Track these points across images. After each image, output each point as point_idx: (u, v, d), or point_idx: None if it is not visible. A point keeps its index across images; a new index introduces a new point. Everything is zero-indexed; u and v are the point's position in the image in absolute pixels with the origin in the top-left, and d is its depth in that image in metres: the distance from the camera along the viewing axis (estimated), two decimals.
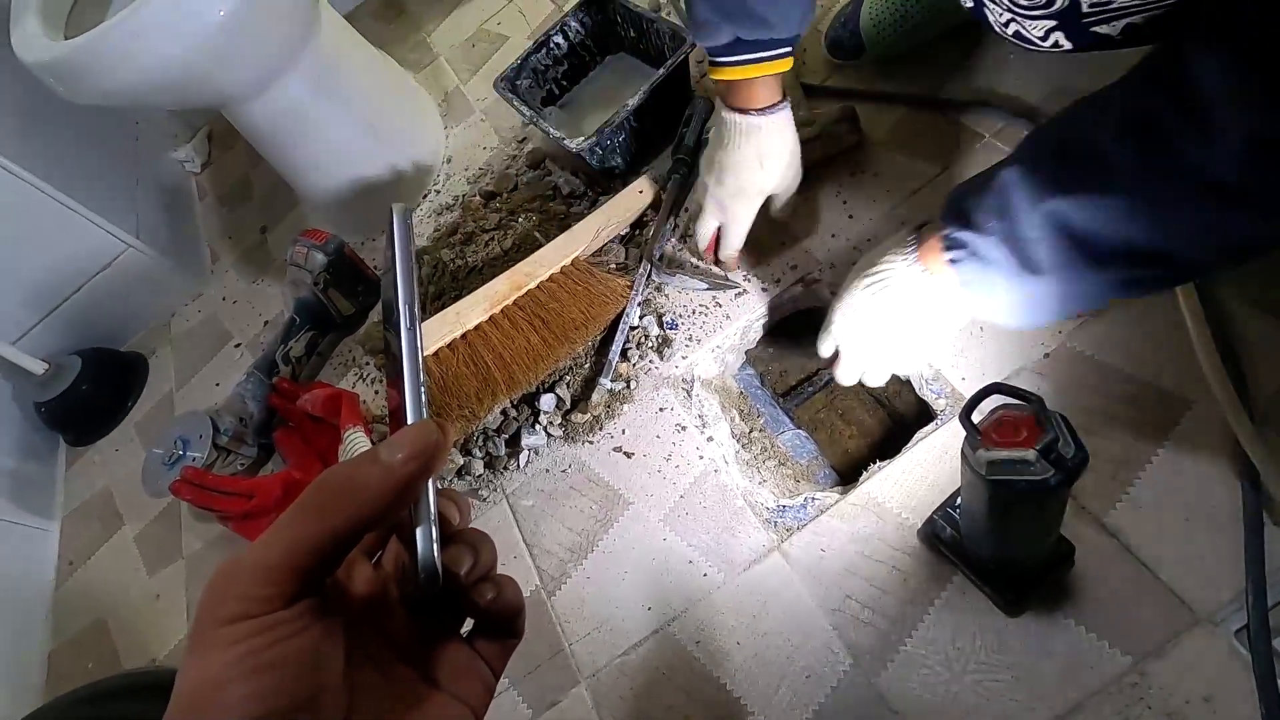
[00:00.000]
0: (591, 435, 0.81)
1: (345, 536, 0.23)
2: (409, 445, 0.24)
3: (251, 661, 0.21)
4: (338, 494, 0.23)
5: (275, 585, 0.22)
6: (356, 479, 0.23)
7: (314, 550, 0.22)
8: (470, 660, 0.28)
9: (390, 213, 0.27)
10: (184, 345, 1.24)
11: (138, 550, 1.04)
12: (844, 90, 0.87)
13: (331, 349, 1.08)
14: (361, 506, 0.23)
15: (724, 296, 0.82)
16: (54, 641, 1.03)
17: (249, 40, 0.87)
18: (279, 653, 0.21)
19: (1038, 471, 0.38)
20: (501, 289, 0.83)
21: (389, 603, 0.28)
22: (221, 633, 0.21)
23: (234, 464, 0.99)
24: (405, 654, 0.27)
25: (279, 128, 1.02)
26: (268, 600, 0.21)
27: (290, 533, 0.22)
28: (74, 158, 1.19)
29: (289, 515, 0.23)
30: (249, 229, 1.32)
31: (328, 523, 0.22)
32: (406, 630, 0.28)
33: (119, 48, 0.80)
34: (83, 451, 1.21)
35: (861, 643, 0.61)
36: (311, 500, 0.23)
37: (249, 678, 0.20)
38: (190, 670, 0.21)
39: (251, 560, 0.22)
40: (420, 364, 0.26)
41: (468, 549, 0.27)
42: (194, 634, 0.21)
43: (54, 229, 1.13)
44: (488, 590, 0.28)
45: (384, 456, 0.23)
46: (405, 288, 0.26)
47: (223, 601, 0.21)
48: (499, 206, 1.01)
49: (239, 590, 0.21)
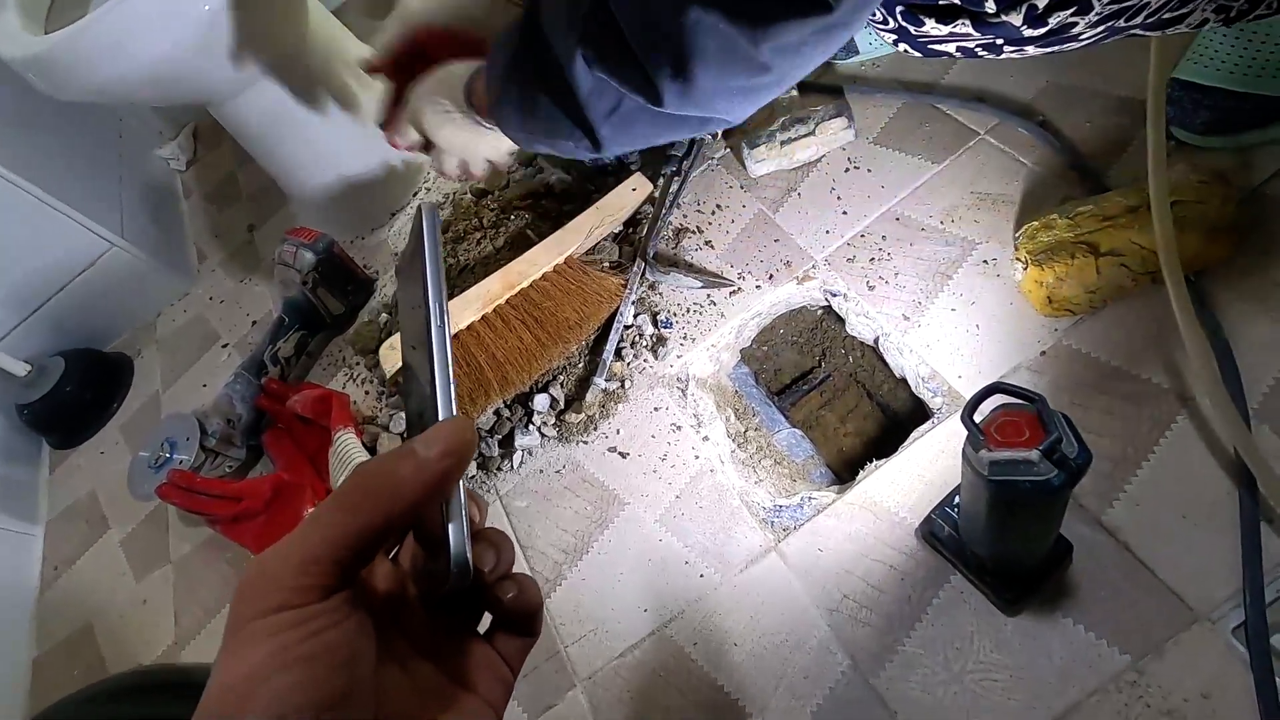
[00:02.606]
0: (586, 435, 0.80)
1: (381, 530, 0.23)
2: (444, 441, 0.24)
3: (292, 653, 0.21)
4: (375, 488, 0.23)
5: (313, 577, 0.22)
6: (394, 474, 0.23)
7: (351, 543, 0.22)
8: (490, 658, 0.28)
9: (419, 211, 0.27)
10: (170, 346, 1.22)
11: (124, 554, 1.02)
12: (837, 87, 0.87)
13: (321, 349, 1.06)
14: (398, 501, 0.23)
15: (718, 294, 0.82)
16: (38, 648, 1.01)
17: (236, 34, 0.85)
18: (318, 644, 0.21)
19: (1041, 472, 0.38)
20: (494, 288, 0.82)
21: (408, 600, 0.28)
22: (260, 624, 0.21)
23: (222, 466, 0.98)
24: (426, 651, 0.27)
25: (267, 125, 1.01)
26: (306, 592, 0.21)
27: (328, 525, 0.22)
28: (56, 155, 1.17)
29: (326, 508, 0.23)
30: (236, 228, 1.31)
31: (365, 516, 0.22)
32: (426, 628, 0.28)
33: (102, 42, 0.79)
34: (67, 454, 1.19)
35: (859, 643, 0.61)
36: (349, 494, 0.23)
37: (288, 669, 0.20)
38: (227, 662, 0.21)
39: (290, 552, 0.22)
40: (450, 362, 0.26)
41: (491, 547, 0.27)
42: (232, 626, 0.21)
43: (36, 227, 1.11)
44: (509, 588, 0.28)
45: (420, 452, 0.23)
46: (435, 285, 0.26)
47: (261, 594, 0.21)
48: (490, 204, 1.00)
49: (277, 582, 0.21)
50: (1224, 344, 0.58)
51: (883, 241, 0.76)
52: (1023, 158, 0.74)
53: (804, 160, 0.84)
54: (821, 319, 0.86)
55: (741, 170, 0.87)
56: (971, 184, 0.75)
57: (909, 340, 0.71)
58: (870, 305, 0.74)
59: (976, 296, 0.69)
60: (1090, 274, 0.62)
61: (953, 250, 0.73)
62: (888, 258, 0.75)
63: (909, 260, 0.74)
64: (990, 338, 0.67)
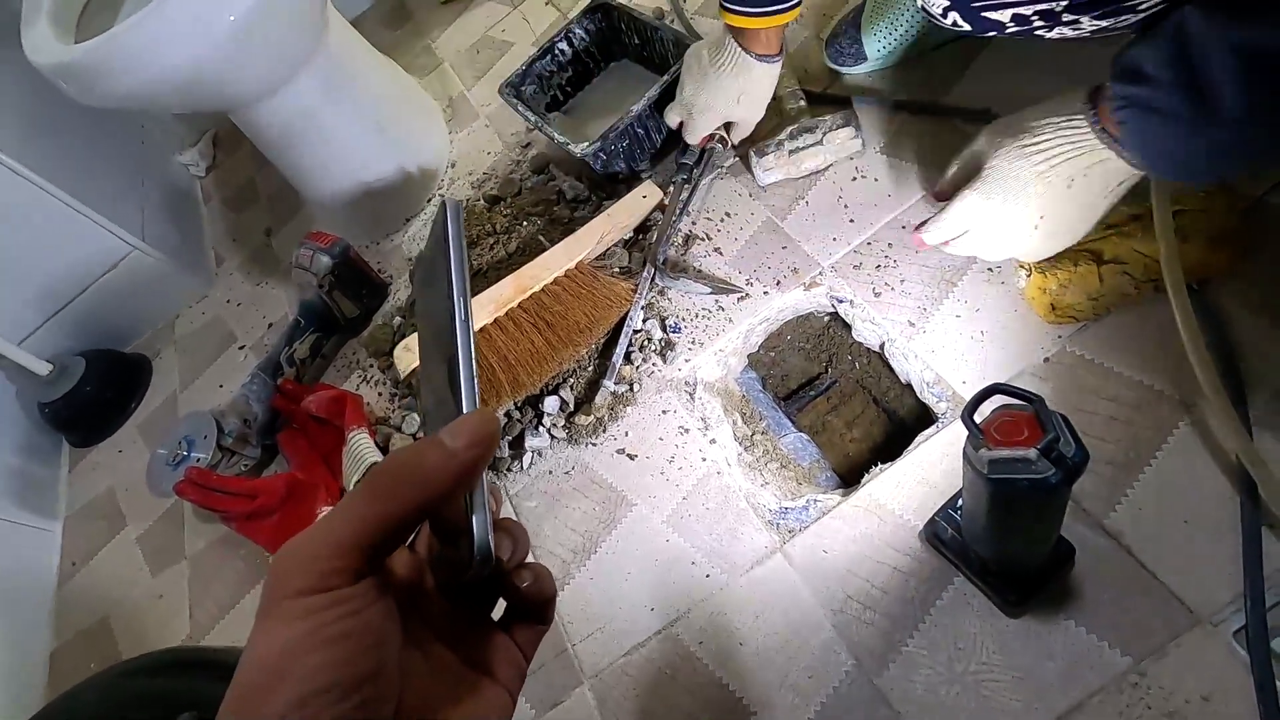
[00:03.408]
0: (595, 437, 0.82)
1: (409, 518, 0.24)
2: (470, 433, 0.24)
3: (323, 633, 0.21)
4: (404, 477, 0.24)
5: (344, 561, 0.22)
6: (422, 463, 0.24)
7: (380, 529, 0.23)
8: (505, 645, 0.29)
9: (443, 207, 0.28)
10: (188, 347, 1.25)
11: (140, 550, 1.04)
12: (845, 97, 0.88)
13: (336, 351, 1.08)
14: (425, 489, 0.24)
15: (727, 300, 0.83)
16: (56, 642, 1.03)
17: (259, 46, 0.88)
18: (348, 626, 0.22)
19: (1039, 470, 0.39)
20: (507, 292, 0.84)
21: (425, 588, 0.29)
22: (292, 605, 0.22)
23: (238, 465, 1.00)
24: (444, 637, 0.28)
25: (286, 132, 1.03)
26: (337, 574, 0.22)
27: (359, 511, 0.23)
28: (80, 160, 1.20)
29: (357, 495, 0.23)
30: (254, 232, 1.33)
31: (394, 504, 0.23)
32: (443, 615, 0.29)
33: (130, 52, 0.81)
34: (86, 452, 1.21)
35: (863, 643, 0.61)
36: (379, 482, 0.24)
37: (320, 649, 0.21)
38: (260, 640, 0.22)
39: (321, 536, 0.23)
40: (473, 356, 0.27)
41: (508, 536, 0.28)
42: (264, 606, 0.22)
43: (60, 230, 1.14)
44: (526, 576, 0.29)
45: (448, 443, 0.24)
46: (459, 279, 0.27)
47: (293, 576, 0.22)
48: (503, 210, 1.02)
49: (310, 565, 0.22)
50: (1227, 351, 0.59)
51: (889, 249, 0.77)
52: None
53: (812, 169, 0.85)
54: (828, 325, 0.87)
55: (750, 179, 0.88)
56: None
57: (914, 346, 0.72)
58: (876, 312, 0.75)
59: (981, 304, 0.70)
60: (1093, 281, 0.63)
61: (958, 258, 0.73)
62: (894, 265, 0.76)
63: (914, 268, 0.75)
64: (994, 344, 0.68)
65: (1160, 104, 0.47)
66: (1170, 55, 0.45)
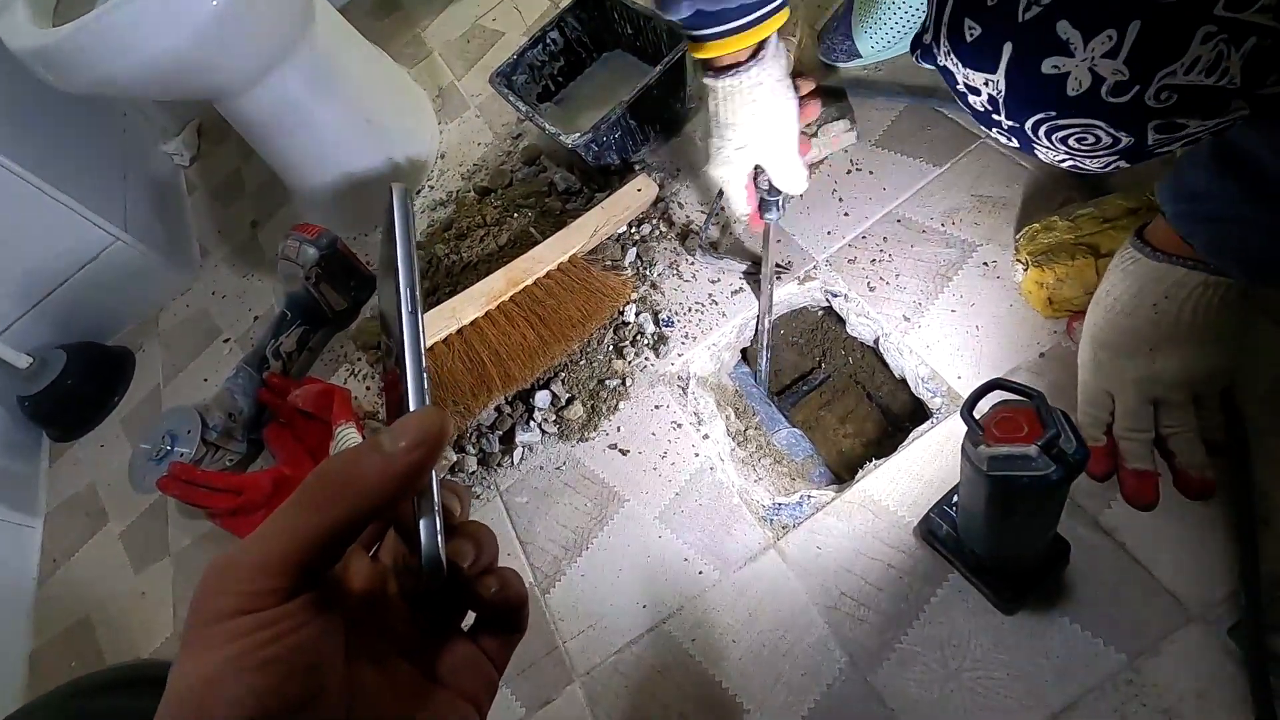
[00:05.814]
0: (586, 432, 0.81)
1: (346, 529, 0.22)
2: (411, 433, 0.23)
3: (249, 659, 0.20)
4: (338, 485, 0.22)
5: (273, 580, 0.21)
6: (357, 469, 0.22)
7: (313, 544, 0.21)
8: (473, 656, 0.27)
9: (390, 193, 0.26)
10: (172, 340, 1.23)
11: (123, 547, 1.02)
12: (839, 89, 0.88)
13: (323, 344, 1.07)
14: (363, 498, 0.22)
15: (720, 294, 0.82)
16: (36, 641, 1.02)
17: (243, 31, 0.86)
18: (277, 650, 0.20)
19: (1039, 467, 0.38)
20: (498, 285, 0.83)
21: (388, 598, 0.27)
22: (217, 629, 0.20)
23: (223, 460, 0.98)
24: (406, 650, 0.27)
25: (272, 121, 1.01)
26: (265, 595, 0.21)
27: (289, 525, 0.21)
28: (61, 149, 1.17)
29: (287, 507, 0.22)
30: (239, 223, 1.31)
31: (327, 515, 0.22)
32: (407, 626, 0.27)
33: (110, 36, 0.79)
34: (67, 447, 1.19)
35: (857, 640, 0.61)
36: (310, 492, 0.22)
37: (246, 675, 0.20)
38: (185, 668, 0.20)
39: (248, 554, 0.21)
40: (422, 349, 0.25)
41: (470, 541, 0.27)
42: (188, 631, 0.21)
43: (39, 221, 1.12)
44: (491, 583, 0.27)
45: (386, 445, 0.22)
46: (406, 270, 0.25)
47: (218, 597, 0.21)
48: (494, 202, 1.00)
49: (235, 585, 0.21)
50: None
51: (884, 243, 0.77)
52: (1024, 161, 0.75)
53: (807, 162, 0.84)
54: (822, 319, 0.86)
55: None
56: (973, 187, 0.76)
57: (909, 341, 0.71)
58: (871, 306, 0.74)
59: (977, 298, 0.70)
60: (1090, 275, 0.62)
61: (953, 252, 0.73)
62: (889, 259, 0.76)
63: (910, 262, 0.74)
64: (990, 339, 0.68)
65: (1222, 211, 0.47)
66: (1217, 166, 0.45)
